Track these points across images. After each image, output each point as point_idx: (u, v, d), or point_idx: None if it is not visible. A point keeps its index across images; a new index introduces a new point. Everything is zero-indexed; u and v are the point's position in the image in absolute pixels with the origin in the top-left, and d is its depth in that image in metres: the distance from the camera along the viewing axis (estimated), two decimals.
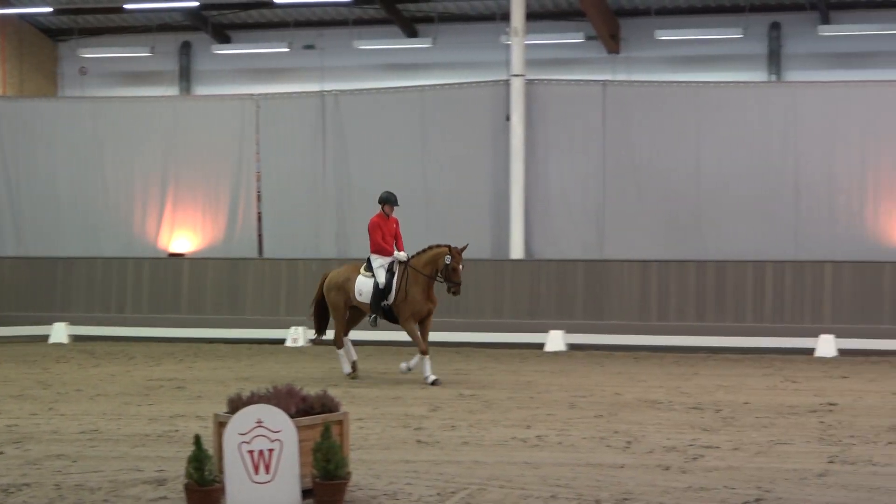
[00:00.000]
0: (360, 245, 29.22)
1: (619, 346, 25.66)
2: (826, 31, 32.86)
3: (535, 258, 28.06)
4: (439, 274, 18.46)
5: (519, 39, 28.02)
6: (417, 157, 29.36)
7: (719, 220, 28.23)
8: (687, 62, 34.18)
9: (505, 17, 29.62)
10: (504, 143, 28.42)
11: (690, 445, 13.67)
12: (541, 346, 25.71)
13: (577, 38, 34.38)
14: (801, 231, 27.82)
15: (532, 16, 31.08)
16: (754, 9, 33.75)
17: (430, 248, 18.68)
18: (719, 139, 28.48)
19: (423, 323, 18.74)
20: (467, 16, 34.39)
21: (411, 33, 35.06)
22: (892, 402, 17.73)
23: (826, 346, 24.74)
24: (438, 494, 10.79)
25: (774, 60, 33.96)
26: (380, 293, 18.37)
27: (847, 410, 16.78)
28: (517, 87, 28.03)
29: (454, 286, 18.36)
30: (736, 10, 34.00)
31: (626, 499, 10.72)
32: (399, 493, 10.75)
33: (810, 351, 24.83)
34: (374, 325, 18.95)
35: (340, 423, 10.59)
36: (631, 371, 22.02)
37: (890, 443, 13.92)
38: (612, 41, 34.30)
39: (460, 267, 18.44)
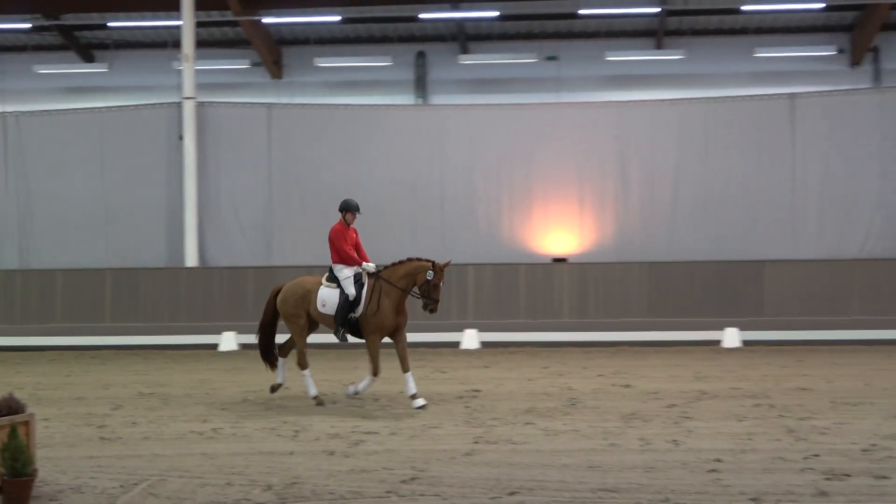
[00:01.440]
0: (42, 258, 28.51)
1: None
2: (465, 59, 33.34)
3: (208, 266, 27.87)
4: (416, 289, 15.96)
5: (189, 65, 27.91)
6: (97, 175, 28.74)
7: (375, 227, 27.93)
8: (344, 87, 34.20)
9: (176, 44, 29.25)
10: (178, 160, 28.19)
11: (352, 432, 13.79)
12: (215, 346, 25.54)
13: (244, 65, 34.18)
14: (447, 237, 28.63)
15: (202, 43, 30.86)
16: (402, 39, 34.21)
17: (409, 260, 16.21)
18: (374, 156, 29.12)
19: (398, 341, 16.05)
20: (141, 43, 33.63)
21: (88, 58, 34.05)
22: (528, 388, 18.15)
23: (470, 339, 25.40)
24: (122, 486, 10.60)
25: (421, 86, 34.32)
26: (348, 305, 15.76)
27: (489, 396, 17.18)
28: (188, 109, 27.96)
29: (432, 303, 15.72)
30: (386, 40, 34.37)
31: (294, 482, 10.81)
32: (84, 487, 10.52)
33: (456, 344, 25.40)
34: (342, 340, 16.17)
35: (27, 423, 10.22)
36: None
37: (527, 423, 14.31)
38: (275, 67, 34.25)
39: (441, 283, 16.03)
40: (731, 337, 25.47)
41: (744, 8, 31.58)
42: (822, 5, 31.40)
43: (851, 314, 26.01)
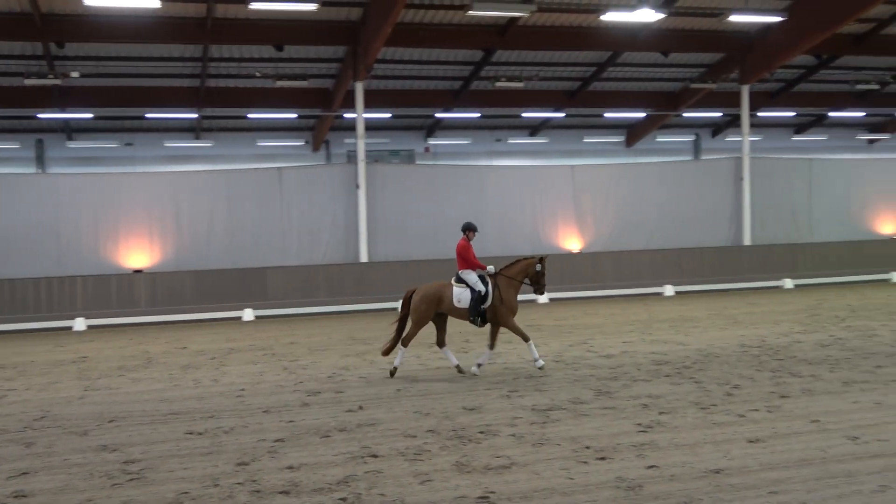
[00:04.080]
0: None
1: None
2: (72, 144, 34.00)
3: None
4: (528, 279, 14.36)
5: None
6: None
7: (17, 251, 27.66)
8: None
9: None
10: None
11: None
12: None
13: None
14: (62, 259, 27.92)
15: None
16: (27, 130, 34.47)
17: (519, 260, 14.55)
18: (12, 207, 27.87)
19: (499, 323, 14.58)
20: None
21: None
22: (120, 353, 17.99)
23: (80, 324, 24.44)
24: None
25: (41, 161, 33.88)
26: (480, 299, 13.99)
27: (94, 360, 17.12)
28: None
29: (542, 287, 14.34)
30: (14, 131, 34.34)
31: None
32: None
33: (69, 328, 24.34)
34: (478, 325, 14.21)
35: None
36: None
37: (119, 375, 14.75)
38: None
39: (546, 271, 14.50)
40: (248, 314, 25.62)
41: (249, 115, 33.59)
42: (296, 115, 33.78)
43: (318, 296, 26.24)
